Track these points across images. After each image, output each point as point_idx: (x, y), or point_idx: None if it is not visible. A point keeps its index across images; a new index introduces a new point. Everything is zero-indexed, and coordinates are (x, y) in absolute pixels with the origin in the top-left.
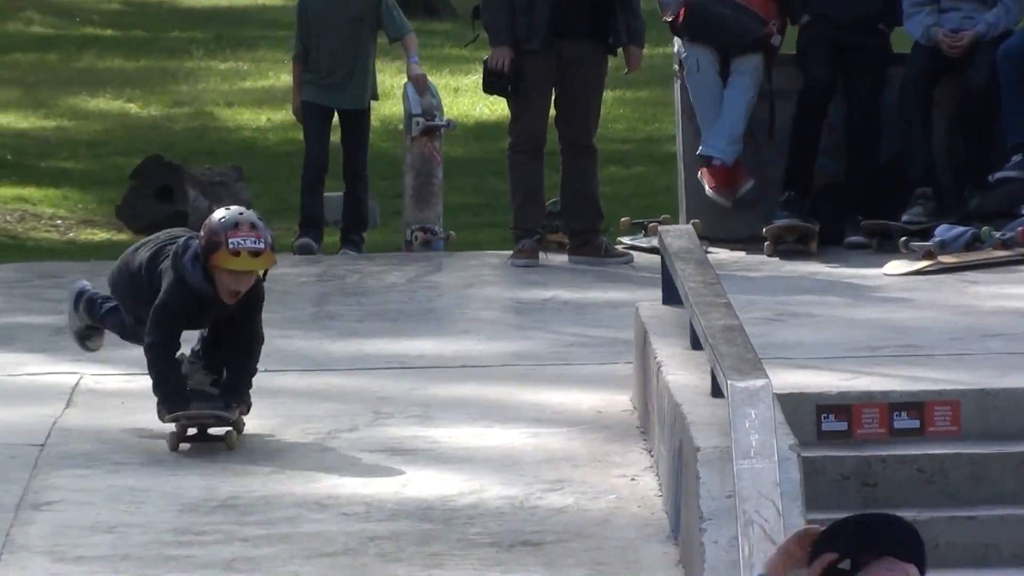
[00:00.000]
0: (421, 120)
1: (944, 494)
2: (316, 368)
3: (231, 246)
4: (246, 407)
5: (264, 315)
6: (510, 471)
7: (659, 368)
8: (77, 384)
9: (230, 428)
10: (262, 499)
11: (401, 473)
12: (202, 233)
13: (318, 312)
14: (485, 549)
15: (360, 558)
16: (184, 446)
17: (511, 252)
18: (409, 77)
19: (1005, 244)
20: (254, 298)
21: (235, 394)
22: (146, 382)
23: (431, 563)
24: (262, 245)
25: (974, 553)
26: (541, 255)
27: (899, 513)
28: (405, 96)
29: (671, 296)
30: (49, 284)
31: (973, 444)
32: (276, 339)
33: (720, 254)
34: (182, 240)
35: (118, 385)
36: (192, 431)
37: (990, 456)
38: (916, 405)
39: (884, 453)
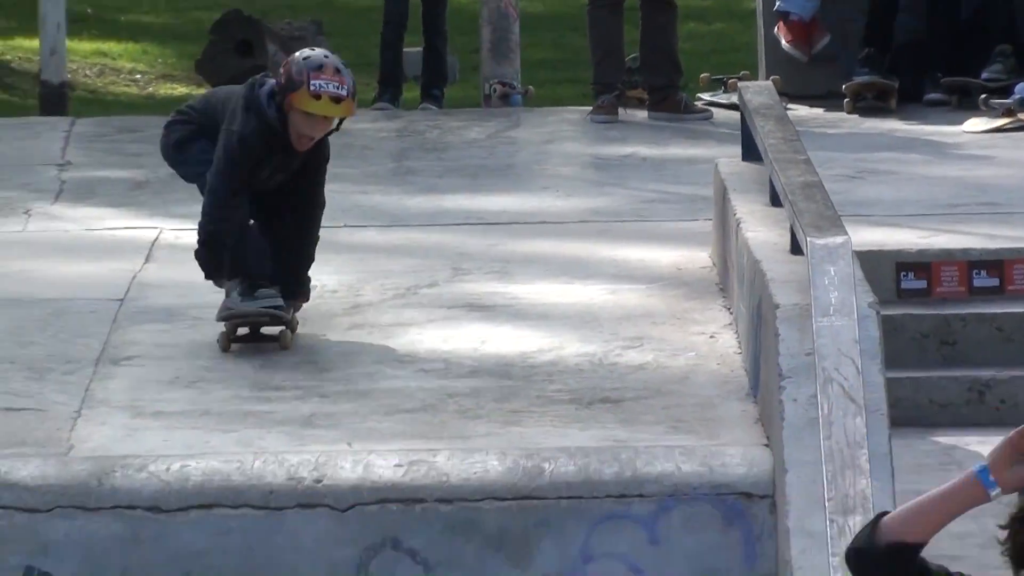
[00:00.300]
0: None
1: (1020, 355)
2: (395, 224)
3: (312, 88)
4: (304, 298)
5: (343, 170)
6: (589, 328)
7: (738, 225)
8: (156, 239)
9: (284, 328)
10: (341, 355)
11: (480, 329)
12: (282, 70)
13: (398, 167)
14: (564, 406)
15: (439, 415)
16: (235, 346)
17: (590, 108)
18: None
19: None
20: (319, 156)
21: (294, 283)
22: None
23: (510, 420)
24: (344, 92)
25: None
26: (620, 111)
27: (977, 372)
28: None
29: (750, 152)
30: (128, 139)
31: None
32: (355, 195)
33: (799, 111)
34: (259, 76)
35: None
36: (244, 330)
37: None
38: (996, 263)
39: (963, 311)
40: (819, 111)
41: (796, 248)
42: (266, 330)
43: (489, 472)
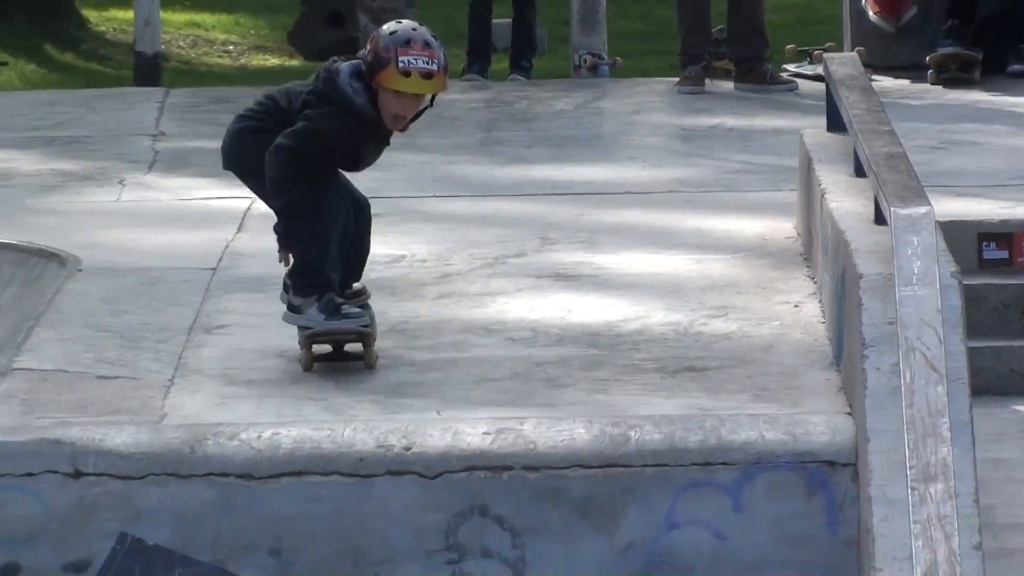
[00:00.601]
0: None
1: None
2: (484, 194)
3: (401, 65)
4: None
5: (433, 141)
6: (674, 297)
7: (823, 195)
8: (248, 209)
9: (370, 347)
10: (429, 324)
11: (567, 299)
12: (369, 47)
13: (486, 138)
14: (649, 375)
15: (527, 383)
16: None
17: (677, 79)
18: None
19: None
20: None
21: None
22: None
23: (596, 388)
24: (435, 66)
25: None
26: (707, 82)
27: None
28: None
29: (835, 123)
30: (222, 109)
31: None
32: (444, 165)
33: (884, 82)
34: (326, 65)
35: None
36: (326, 348)
37: None
38: None
39: None
40: (903, 82)
41: (880, 218)
42: (349, 347)
43: (575, 440)
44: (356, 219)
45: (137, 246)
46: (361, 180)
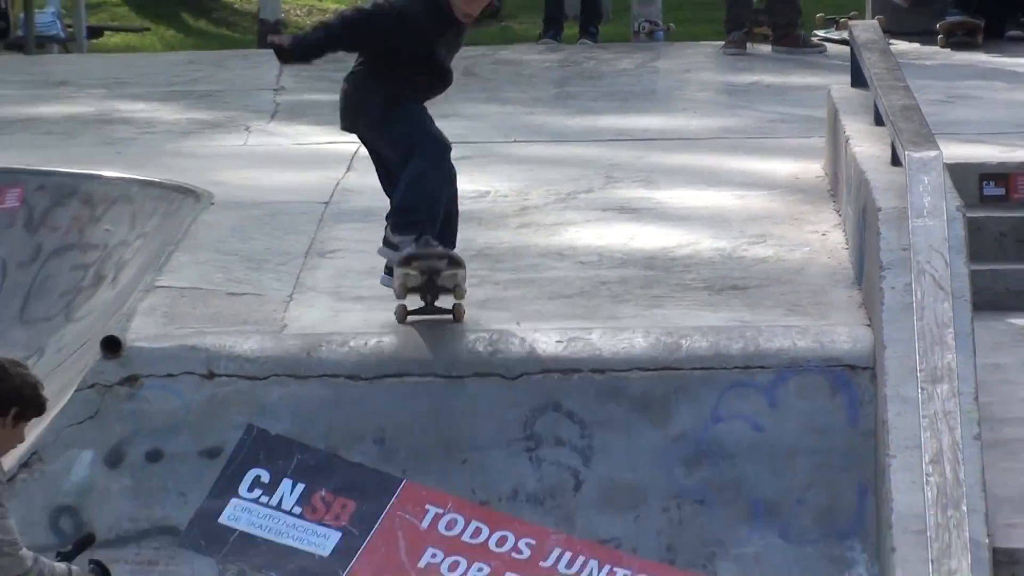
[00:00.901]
0: None
1: None
2: (557, 139)
3: None
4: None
5: (514, 95)
6: (720, 227)
7: (847, 141)
8: (356, 152)
9: (459, 301)
10: (511, 250)
11: (628, 228)
12: None
13: (559, 93)
14: (698, 292)
15: (593, 299)
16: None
17: (722, 43)
18: None
19: None
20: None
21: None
22: None
23: (653, 303)
24: None
25: None
26: (748, 46)
27: None
28: None
29: (858, 80)
30: (333, 68)
31: None
32: (523, 115)
33: (900, 45)
34: None
35: None
36: (418, 304)
37: None
38: None
39: None
40: (916, 46)
41: (896, 161)
42: (440, 304)
43: (635, 347)
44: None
45: (260, 183)
46: (451, 127)
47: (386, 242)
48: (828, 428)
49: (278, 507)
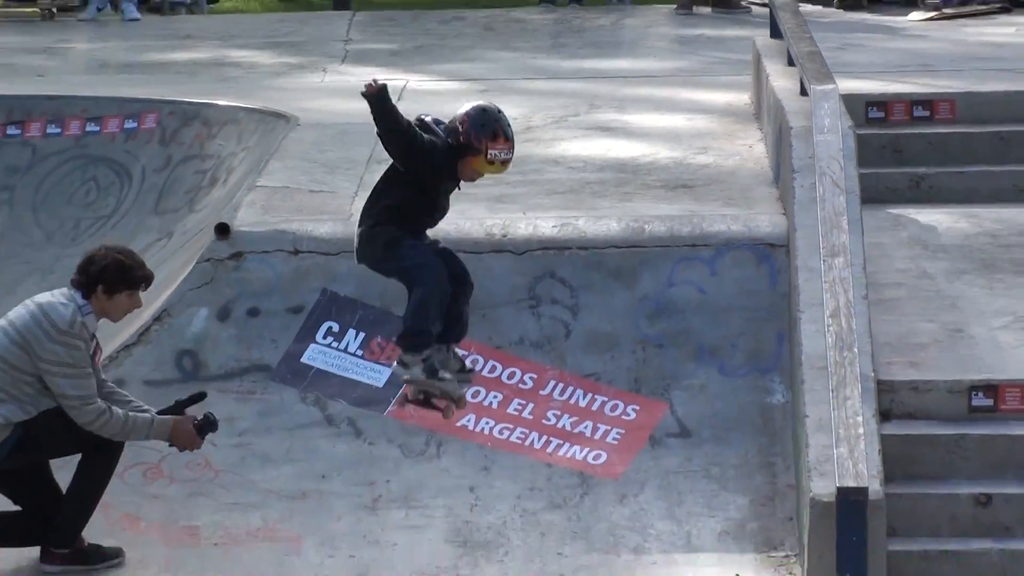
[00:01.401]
0: None
1: (945, 155)
2: (553, 77)
3: (490, 156)
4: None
5: (520, 44)
6: (673, 141)
7: (767, 77)
8: (405, 86)
9: (452, 403)
10: (518, 158)
11: (606, 143)
12: (460, 128)
13: (554, 43)
14: (658, 190)
15: (580, 195)
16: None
17: (675, 6)
18: None
19: (985, 1)
20: None
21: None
22: (453, 86)
23: (624, 198)
24: (511, 155)
25: (960, 196)
26: (694, 8)
27: (915, 169)
28: None
29: (776, 33)
30: (389, 25)
31: (964, 126)
32: (527, 59)
33: (806, 7)
34: (417, 121)
35: (431, 87)
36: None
37: (973, 133)
38: (927, 102)
39: (907, 131)
40: (819, 7)
41: (803, 92)
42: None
43: (611, 230)
44: (459, 286)
45: (334, 110)
46: (476, 68)
47: (400, 361)
48: (754, 290)
49: (345, 350)
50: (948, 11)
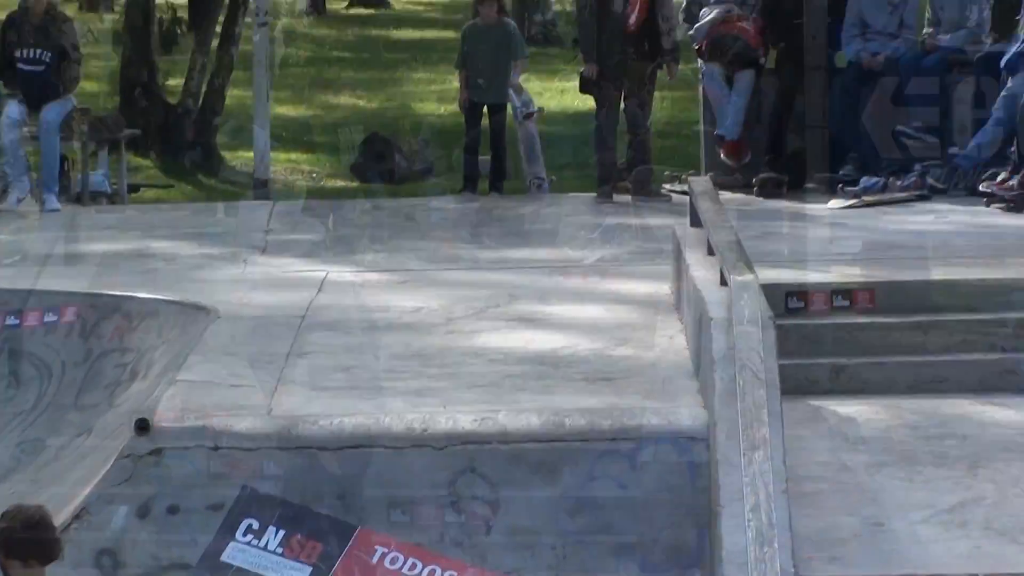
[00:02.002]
0: (520, 110)
1: (865, 345)
2: (473, 267)
3: None
4: None
5: (440, 233)
6: (594, 333)
7: (687, 267)
8: (325, 278)
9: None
10: (439, 351)
11: (527, 335)
12: None
13: (475, 231)
14: (578, 383)
15: (500, 388)
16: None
17: (595, 194)
18: (510, 85)
19: (904, 189)
20: None
21: None
22: (373, 277)
23: (545, 391)
24: None
25: (880, 387)
26: (614, 196)
27: (835, 360)
28: (510, 97)
29: (695, 221)
30: (309, 215)
31: (883, 316)
32: (447, 249)
33: (725, 195)
34: None
35: (351, 279)
36: None
37: (893, 323)
38: (847, 291)
39: (827, 321)
40: (740, 195)
41: (724, 282)
42: None
43: (532, 424)
44: None
45: (254, 302)
46: (396, 259)
47: None
48: (675, 485)
49: (265, 548)
50: (868, 199)
